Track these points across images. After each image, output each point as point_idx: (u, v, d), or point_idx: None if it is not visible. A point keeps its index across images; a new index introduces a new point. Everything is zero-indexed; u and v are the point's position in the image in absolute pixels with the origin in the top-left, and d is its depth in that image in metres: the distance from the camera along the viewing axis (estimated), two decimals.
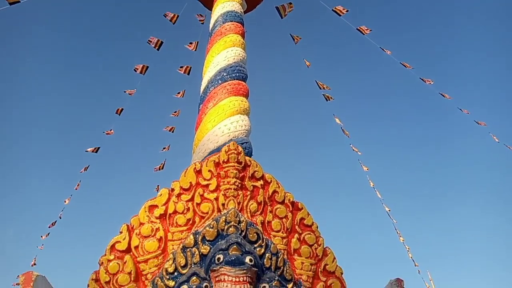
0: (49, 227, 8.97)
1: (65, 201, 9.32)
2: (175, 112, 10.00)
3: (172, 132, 9.86)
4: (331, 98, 8.88)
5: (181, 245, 2.79)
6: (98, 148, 9.04)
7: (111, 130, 8.94)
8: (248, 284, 2.52)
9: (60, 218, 8.61)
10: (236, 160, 3.00)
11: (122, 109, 8.84)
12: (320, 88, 8.98)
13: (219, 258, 2.58)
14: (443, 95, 7.89)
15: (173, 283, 2.66)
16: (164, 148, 9.68)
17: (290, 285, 2.78)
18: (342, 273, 3.05)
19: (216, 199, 2.93)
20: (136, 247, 2.86)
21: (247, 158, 3.09)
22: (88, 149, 8.98)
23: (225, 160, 3.00)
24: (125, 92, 8.60)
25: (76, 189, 8.75)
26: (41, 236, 9.15)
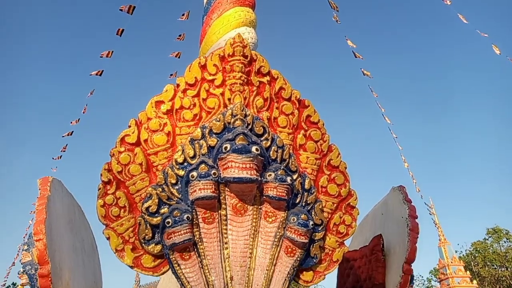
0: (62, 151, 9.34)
1: (76, 121, 9.55)
2: (180, 36, 9.70)
3: (179, 57, 9.66)
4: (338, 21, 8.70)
5: (189, 137, 2.85)
6: (102, 71, 9.02)
7: (108, 52, 8.89)
8: (255, 171, 2.61)
9: (71, 134, 8.90)
10: (241, 53, 2.93)
11: (123, 30, 8.63)
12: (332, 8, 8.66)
13: (226, 147, 2.65)
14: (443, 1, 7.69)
15: (183, 172, 2.77)
16: (171, 75, 9.56)
17: (295, 176, 2.88)
18: (346, 168, 3.14)
19: (222, 94, 2.92)
20: (146, 141, 2.94)
21: (253, 52, 3.02)
22: (92, 73, 9.01)
23: (230, 54, 2.93)
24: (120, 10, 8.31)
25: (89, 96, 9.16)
26: (53, 158, 9.55)
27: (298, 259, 2.73)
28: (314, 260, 2.84)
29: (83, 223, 4.06)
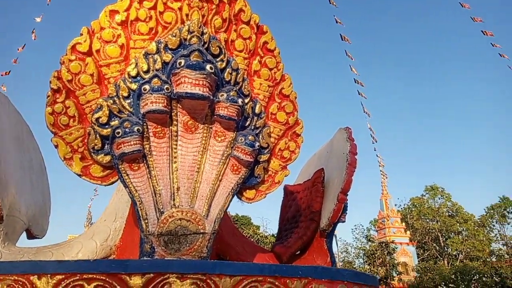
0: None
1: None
2: None
3: None
4: None
5: (144, 51, 2.82)
6: None
7: None
8: (207, 89, 2.67)
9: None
10: None
11: None
12: None
13: (180, 63, 2.67)
14: None
15: (135, 85, 2.77)
16: None
17: (247, 99, 2.98)
18: (296, 98, 3.28)
19: (180, 8, 2.87)
20: (98, 51, 2.87)
21: None
22: None
23: None
24: None
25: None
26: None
27: (243, 177, 2.91)
28: (257, 180, 3.04)
29: (31, 143, 3.98)
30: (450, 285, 27.31)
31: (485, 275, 25.45)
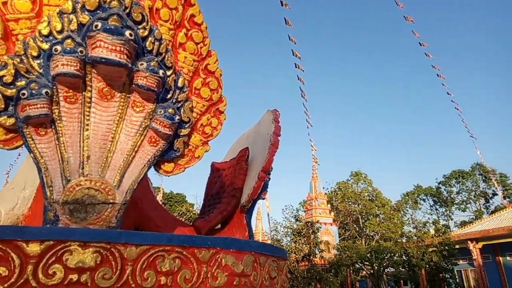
0: None
1: None
2: None
3: None
4: None
5: (58, 9, 2.63)
6: None
7: None
8: (125, 56, 2.58)
9: None
10: None
11: None
12: None
13: (96, 25, 2.53)
14: None
15: (47, 45, 2.58)
16: None
17: (170, 72, 2.93)
18: (221, 75, 3.30)
19: None
20: (5, 4, 2.62)
21: None
22: None
23: None
24: None
25: None
26: None
27: (160, 149, 2.89)
28: (176, 153, 3.04)
29: None
30: (365, 262, 29.96)
31: (396, 255, 28.24)
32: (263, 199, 4.32)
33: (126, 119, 2.81)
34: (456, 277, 29.08)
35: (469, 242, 28.24)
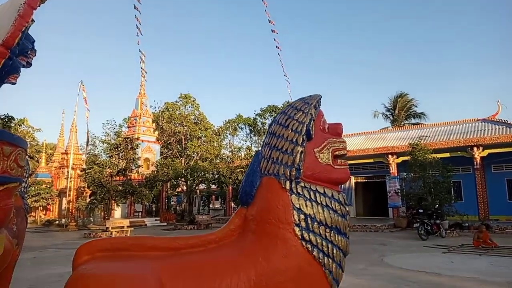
0: None
1: None
2: None
3: None
4: None
5: None
6: None
7: None
8: None
9: None
10: None
11: None
12: None
13: None
14: None
15: None
16: None
17: None
18: None
19: None
20: None
21: None
22: None
23: None
24: None
25: None
26: None
27: None
28: None
29: None
30: (182, 179, 32.10)
31: (209, 172, 31.19)
32: (14, 83, 3.99)
33: None
34: None
35: None
